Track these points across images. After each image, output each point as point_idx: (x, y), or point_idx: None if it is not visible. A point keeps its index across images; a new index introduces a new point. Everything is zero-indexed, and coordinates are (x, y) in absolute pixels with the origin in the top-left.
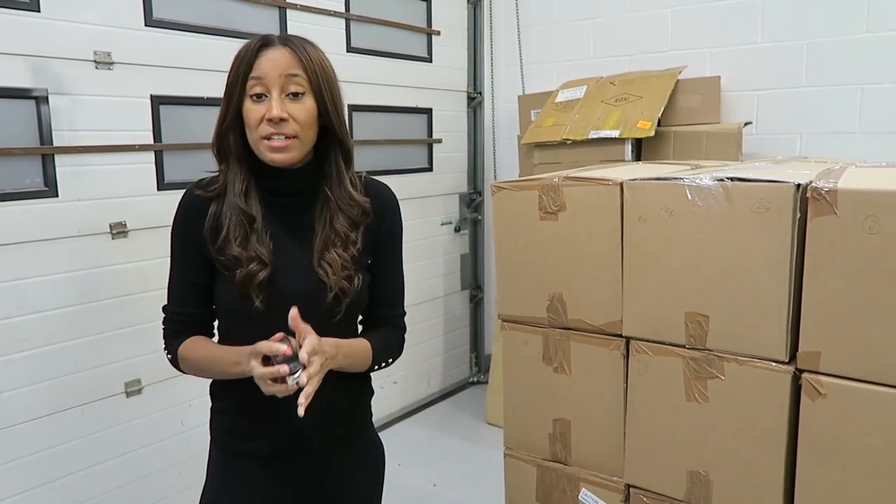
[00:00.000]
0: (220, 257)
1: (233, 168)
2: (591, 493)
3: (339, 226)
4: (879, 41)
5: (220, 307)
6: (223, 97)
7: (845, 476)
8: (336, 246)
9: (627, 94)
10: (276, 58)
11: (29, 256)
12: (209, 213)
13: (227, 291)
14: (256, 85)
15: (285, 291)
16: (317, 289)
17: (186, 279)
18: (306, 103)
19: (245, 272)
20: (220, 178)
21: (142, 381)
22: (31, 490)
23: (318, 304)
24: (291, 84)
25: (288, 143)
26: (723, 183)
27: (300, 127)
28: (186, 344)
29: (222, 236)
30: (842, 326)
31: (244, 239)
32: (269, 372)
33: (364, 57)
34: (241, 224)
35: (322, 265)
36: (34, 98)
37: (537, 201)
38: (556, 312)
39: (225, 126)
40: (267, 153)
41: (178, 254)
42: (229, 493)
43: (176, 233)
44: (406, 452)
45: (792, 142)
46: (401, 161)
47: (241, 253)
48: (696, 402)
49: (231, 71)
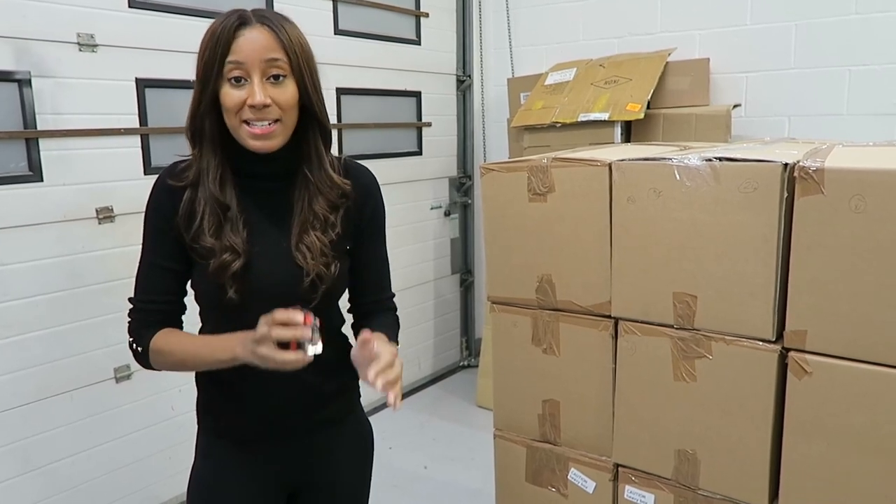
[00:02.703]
0: (194, 245)
1: (207, 153)
2: (581, 472)
3: (319, 208)
4: (867, 23)
5: (197, 295)
6: (197, 78)
7: (830, 452)
8: (315, 229)
9: (617, 76)
10: (256, 39)
11: (14, 242)
12: (183, 199)
13: (203, 280)
14: (235, 69)
15: (260, 280)
16: (293, 274)
17: (161, 264)
18: (287, 86)
19: (218, 263)
20: (192, 163)
21: (131, 367)
22: (19, 476)
23: (294, 291)
24: (273, 68)
25: (272, 129)
26: (711, 163)
27: (283, 111)
28: (159, 337)
29: (195, 226)
30: (828, 305)
31: (218, 228)
32: (292, 334)
33: (352, 39)
34: (215, 213)
35: (300, 248)
36: (17, 81)
37: (526, 183)
38: (545, 294)
39: (201, 110)
40: (249, 140)
41: (151, 239)
42: (218, 474)
43: (148, 218)
44: (397, 435)
45: (780, 124)
46: (390, 145)
47: (214, 243)
48: (684, 381)
49: (206, 50)
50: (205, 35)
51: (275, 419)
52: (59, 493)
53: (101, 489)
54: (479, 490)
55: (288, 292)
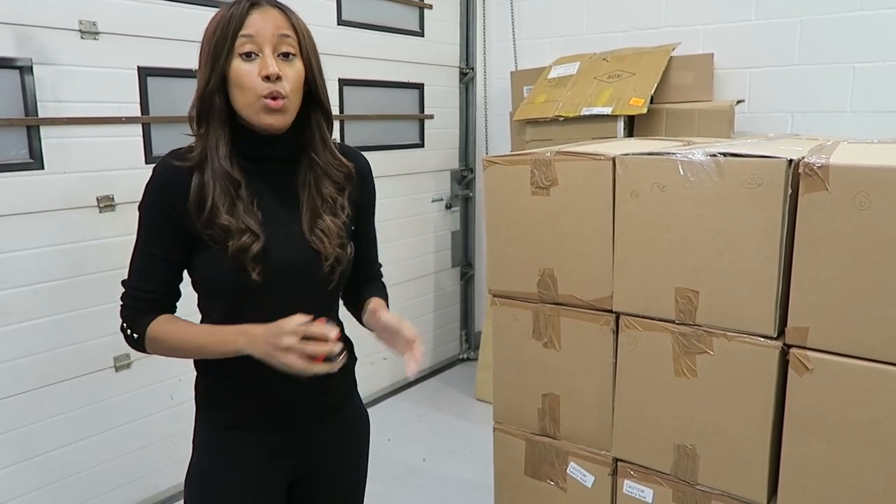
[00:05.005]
0: (208, 230)
1: (215, 130)
2: (580, 466)
3: (327, 191)
4: (872, 20)
5: (211, 283)
6: (206, 57)
7: (829, 449)
8: (326, 212)
9: (620, 70)
10: (268, 17)
11: (14, 229)
12: (192, 183)
13: (218, 266)
14: (247, 43)
15: (280, 262)
16: (311, 258)
17: (158, 254)
18: (296, 66)
19: (238, 245)
20: (196, 146)
21: (130, 356)
22: (19, 463)
23: (314, 274)
24: (284, 44)
25: (283, 104)
26: (715, 158)
27: (291, 89)
28: (157, 323)
29: (208, 207)
30: (830, 302)
31: (231, 206)
32: (327, 349)
33: (355, 30)
34: (227, 191)
35: (315, 233)
36: (18, 68)
37: (529, 176)
38: (546, 288)
39: (209, 88)
40: (264, 115)
41: (148, 227)
42: (220, 468)
43: (149, 205)
44: (396, 428)
45: (783, 120)
46: (392, 137)
47: (230, 222)
48: (685, 377)
49: (216, 31)
50: (211, 21)
51: (284, 405)
52: (58, 480)
53: (99, 477)
54: (478, 483)
55: (308, 276)
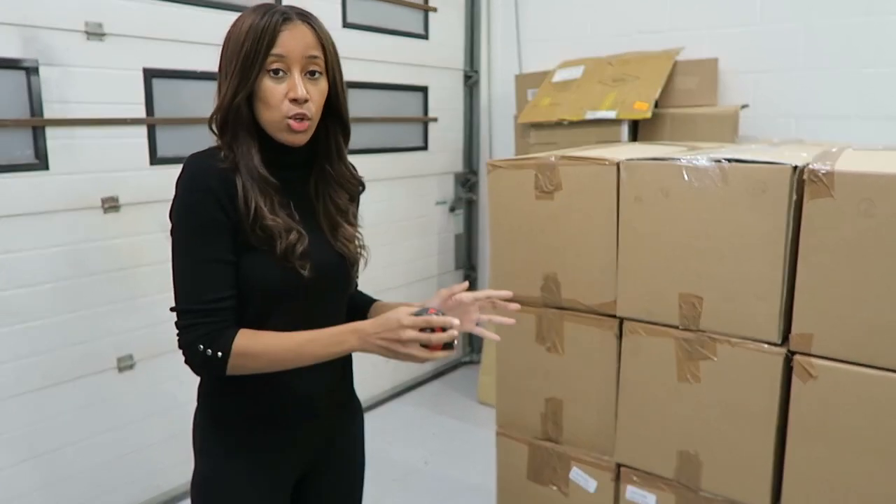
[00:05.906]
0: (256, 230)
1: (245, 139)
2: (582, 471)
3: (341, 201)
4: (878, 24)
5: (261, 286)
6: (235, 68)
7: (832, 455)
8: (343, 220)
9: (625, 74)
10: (299, 36)
11: (19, 230)
12: (239, 184)
13: (269, 267)
14: (277, 62)
15: (320, 262)
16: (340, 261)
17: (221, 258)
18: (321, 84)
19: (286, 243)
20: (223, 149)
21: (134, 357)
22: (22, 463)
23: (343, 275)
24: (312, 65)
25: (307, 125)
26: (720, 164)
27: (315, 108)
28: (242, 338)
29: (254, 207)
30: (835, 309)
31: (272, 208)
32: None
33: (360, 33)
34: (267, 193)
35: (339, 239)
36: (24, 69)
37: (533, 180)
38: (549, 292)
39: (237, 100)
40: (287, 134)
41: (202, 232)
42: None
43: (200, 208)
44: (398, 430)
45: (788, 125)
46: (396, 139)
47: (275, 222)
48: (688, 382)
49: (245, 42)
50: (239, 28)
51: (307, 397)
52: (62, 480)
53: (103, 477)
54: (480, 486)
55: (340, 277)
